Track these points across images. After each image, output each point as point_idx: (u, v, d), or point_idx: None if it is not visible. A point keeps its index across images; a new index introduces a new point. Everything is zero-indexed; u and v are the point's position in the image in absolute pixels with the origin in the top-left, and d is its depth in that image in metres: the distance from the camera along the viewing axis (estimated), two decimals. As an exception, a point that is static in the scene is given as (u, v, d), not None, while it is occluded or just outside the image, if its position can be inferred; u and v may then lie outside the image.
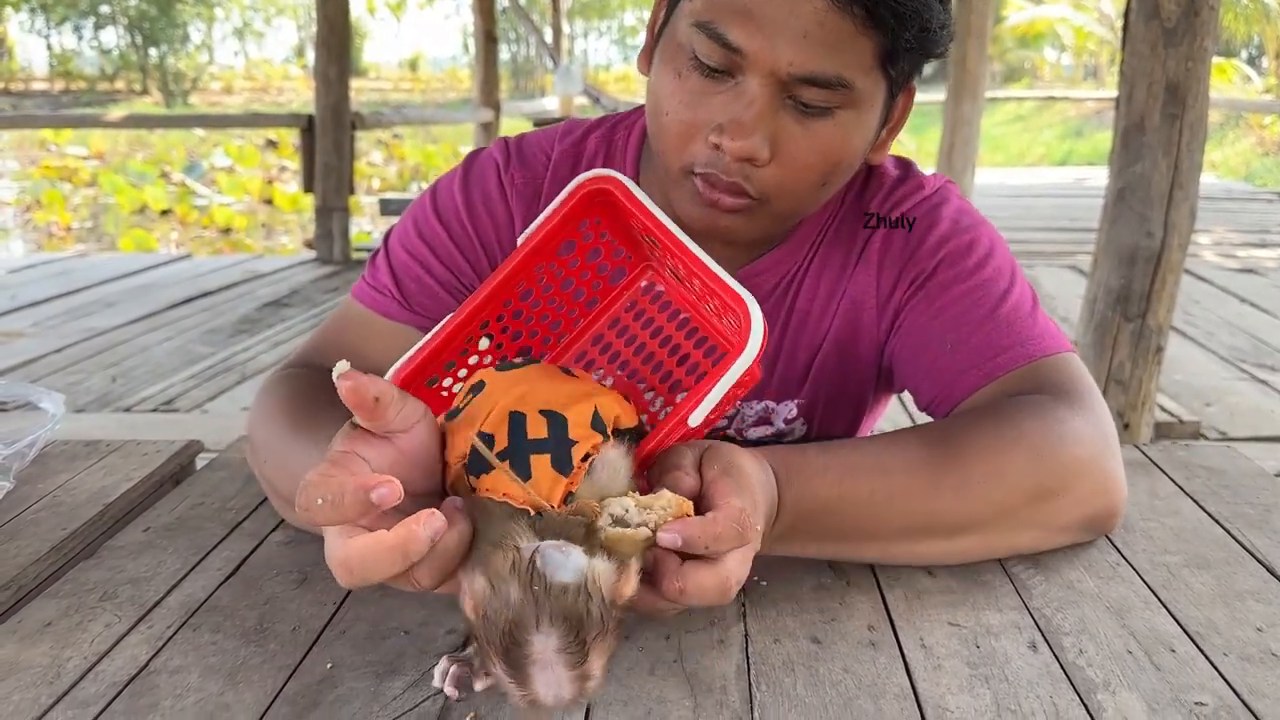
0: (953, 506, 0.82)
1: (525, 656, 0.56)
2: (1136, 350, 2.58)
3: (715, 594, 0.63)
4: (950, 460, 0.83)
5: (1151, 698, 0.67)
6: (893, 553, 0.85)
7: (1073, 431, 0.86)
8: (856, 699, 0.66)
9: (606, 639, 0.57)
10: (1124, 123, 2.50)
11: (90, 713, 0.66)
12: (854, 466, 0.82)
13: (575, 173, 1.03)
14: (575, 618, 0.56)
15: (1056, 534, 0.88)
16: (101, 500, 0.97)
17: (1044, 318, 0.98)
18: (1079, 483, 0.86)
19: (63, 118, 13.30)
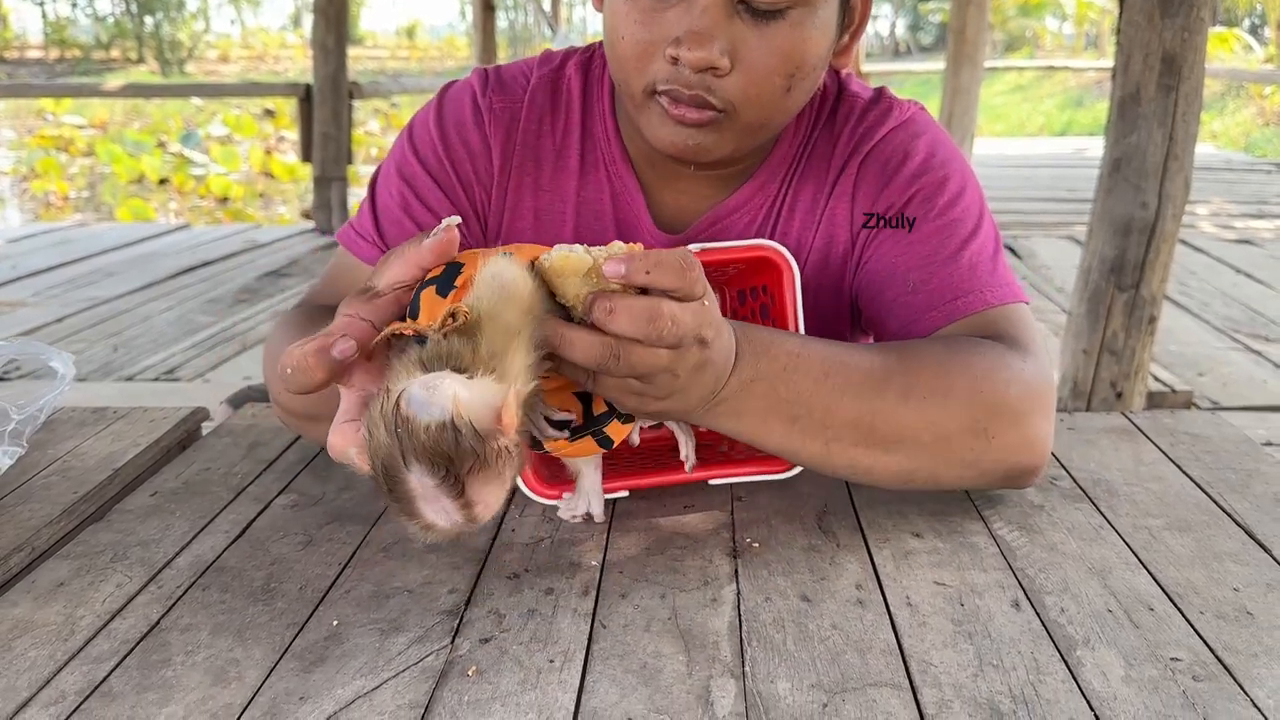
0: (894, 413, 0.84)
1: (407, 493, 0.59)
2: (1130, 320, 2.60)
3: (644, 318, 0.67)
4: (899, 370, 0.86)
5: (1129, 654, 0.69)
6: (834, 454, 0.85)
7: (1017, 380, 0.88)
8: (844, 654, 0.69)
9: (491, 467, 0.59)
10: (1120, 93, 2.50)
11: (104, 669, 0.68)
12: (810, 347, 0.84)
13: (556, 101, 1.06)
14: (442, 454, 0.57)
15: (977, 476, 0.89)
16: (111, 465, 0.99)
17: (1003, 265, 1.00)
18: (1010, 431, 0.88)
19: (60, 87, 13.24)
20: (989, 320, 0.95)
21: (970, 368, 0.88)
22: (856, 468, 0.87)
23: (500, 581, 0.79)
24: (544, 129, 1.06)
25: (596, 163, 1.05)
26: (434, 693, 0.65)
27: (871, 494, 0.93)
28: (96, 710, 0.64)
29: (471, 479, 0.59)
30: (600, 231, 1.05)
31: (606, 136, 1.05)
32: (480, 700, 0.64)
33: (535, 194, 1.05)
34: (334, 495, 0.94)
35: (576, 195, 1.06)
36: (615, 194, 1.05)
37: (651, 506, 0.91)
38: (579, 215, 1.06)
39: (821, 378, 0.83)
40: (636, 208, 1.04)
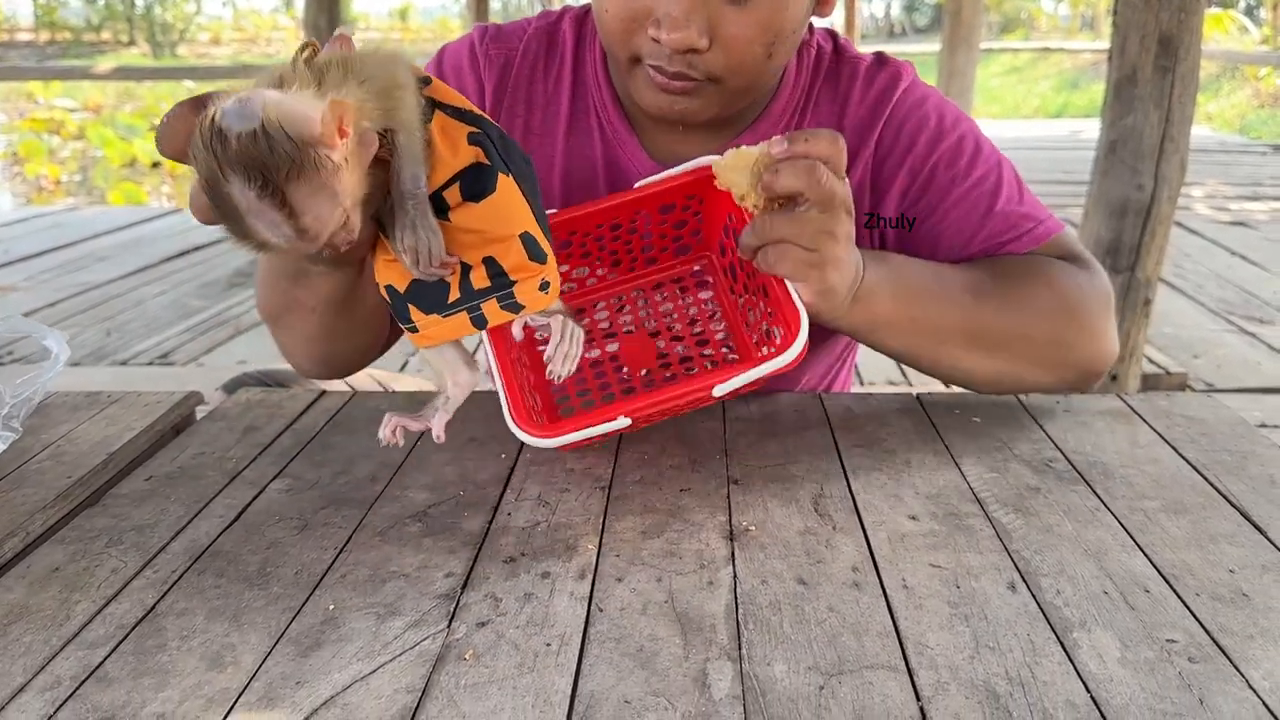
0: (994, 321, 0.97)
1: (233, 209, 0.61)
2: (1125, 302, 2.60)
3: (805, 171, 0.80)
4: (991, 284, 0.98)
5: (1125, 635, 0.69)
6: (942, 357, 0.98)
7: (1089, 292, 1.01)
8: (840, 636, 0.69)
9: (313, 175, 0.61)
10: (1116, 75, 2.50)
11: (100, 654, 0.68)
12: (913, 261, 0.97)
13: (550, 50, 1.10)
14: (255, 162, 0.59)
15: (1055, 380, 1.03)
16: (105, 449, 0.99)
17: (1032, 200, 1.07)
18: (1087, 340, 1.01)
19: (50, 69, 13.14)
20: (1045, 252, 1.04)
21: (1051, 281, 0.99)
22: (958, 368, 0.99)
23: (496, 565, 0.79)
24: (536, 75, 1.09)
25: (587, 109, 1.09)
26: (430, 677, 0.65)
27: (867, 477, 0.93)
28: (92, 695, 0.64)
29: (292, 188, 0.60)
30: (589, 178, 1.08)
31: (598, 84, 1.08)
32: (477, 684, 0.64)
33: (525, 137, 1.09)
34: (329, 479, 0.94)
35: (565, 140, 1.09)
36: (606, 139, 1.08)
37: (647, 490, 0.91)
38: (568, 159, 1.09)
39: (933, 282, 0.95)
40: (629, 150, 1.08)
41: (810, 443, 1.01)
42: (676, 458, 0.98)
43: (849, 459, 0.97)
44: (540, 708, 0.62)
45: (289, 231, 0.63)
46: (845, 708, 0.62)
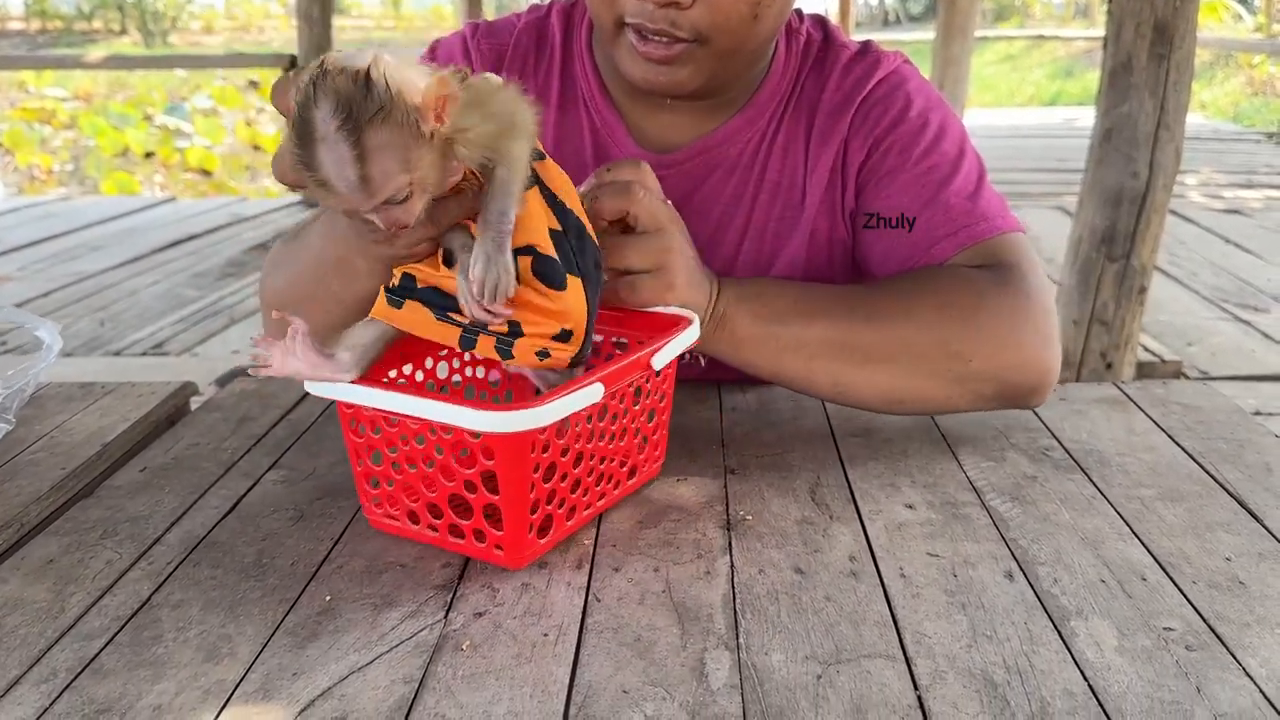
0: (862, 331, 0.92)
1: (311, 136, 0.63)
2: (1120, 290, 2.60)
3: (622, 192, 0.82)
4: (866, 296, 0.95)
5: (1122, 624, 0.69)
6: (816, 371, 0.93)
7: (991, 304, 0.93)
8: (838, 625, 0.69)
9: (396, 128, 0.64)
10: (1111, 62, 2.49)
11: (95, 646, 0.68)
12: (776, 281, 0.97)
13: (540, 44, 1.12)
14: (346, 95, 0.62)
15: (972, 396, 0.95)
16: (99, 441, 0.98)
17: (988, 198, 1.02)
18: (995, 352, 0.93)
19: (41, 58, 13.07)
20: (968, 259, 0.99)
21: (936, 292, 0.94)
22: (840, 384, 0.94)
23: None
24: (527, 70, 1.11)
25: (575, 99, 1.10)
26: (428, 667, 0.65)
27: (864, 466, 0.93)
28: (88, 688, 0.64)
29: (370, 132, 0.63)
30: (579, 166, 1.08)
31: (585, 74, 1.09)
32: (475, 674, 0.64)
33: None
34: (325, 470, 0.94)
35: (555, 132, 1.10)
36: (594, 128, 1.09)
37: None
38: (556, 151, 1.09)
39: (798, 299, 0.93)
40: (617, 137, 1.08)
41: (807, 432, 1.01)
42: (672, 447, 0.97)
43: (846, 448, 0.97)
44: (538, 698, 0.62)
45: (351, 175, 0.64)
46: (843, 697, 0.62)
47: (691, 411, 1.06)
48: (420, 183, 0.67)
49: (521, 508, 0.74)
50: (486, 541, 0.76)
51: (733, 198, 1.08)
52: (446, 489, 0.75)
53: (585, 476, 0.80)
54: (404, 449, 0.76)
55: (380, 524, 0.81)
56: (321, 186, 0.66)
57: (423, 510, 0.77)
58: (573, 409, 0.73)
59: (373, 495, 0.80)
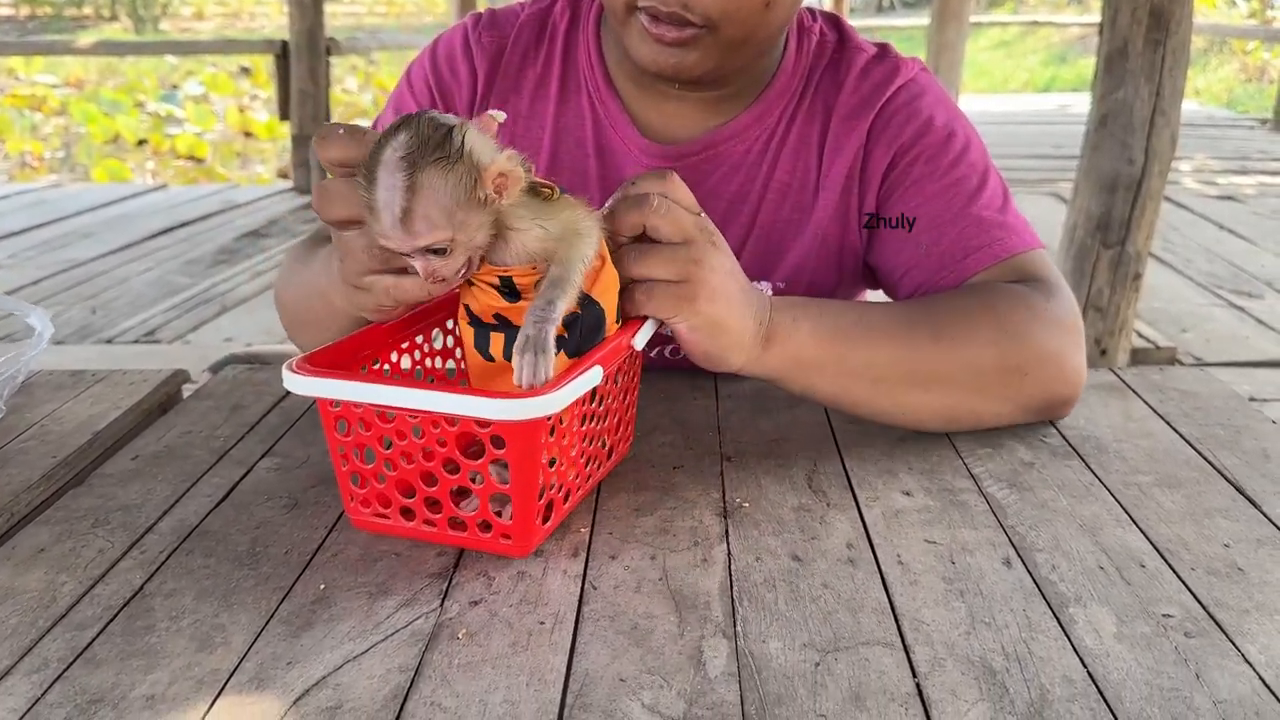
0: (928, 354, 0.91)
1: (378, 157, 0.67)
2: (1115, 277, 2.60)
3: (635, 205, 0.77)
4: (925, 317, 0.93)
5: (1121, 610, 0.69)
6: (880, 395, 0.91)
7: (1042, 318, 0.94)
8: (835, 613, 0.69)
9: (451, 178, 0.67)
10: (1107, 48, 2.48)
11: (87, 635, 0.67)
12: (835, 303, 0.92)
13: (542, 35, 1.11)
14: (424, 136, 0.67)
15: (1018, 410, 0.96)
16: (90, 429, 0.98)
17: (1015, 213, 1.02)
18: (1044, 366, 0.94)
19: (31, 44, 12.99)
20: (1002, 272, 0.99)
21: (993, 309, 0.93)
22: (902, 407, 0.93)
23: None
24: (528, 60, 1.10)
25: (578, 89, 1.09)
26: (424, 656, 0.65)
27: (861, 453, 0.93)
28: (80, 677, 0.63)
29: (430, 171, 0.66)
30: (580, 157, 1.08)
31: (590, 64, 1.08)
32: (471, 663, 0.64)
33: (512, 121, 1.09)
34: (318, 458, 0.93)
35: (555, 122, 1.09)
36: (597, 119, 1.08)
37: (640, 467, 0.90)
38: (556, 141, 1.09)
39: (857, 319, 0.90)
40: (620, 127, 1.07)
41: (803, 419, 1.00)
42: (669, 435, 0.97)
43: (842, 436, 0.96)
44: (534, 686, 0.62)
45: (397, 207, 0.67)
46: (841, 684, 0.61)
47: (688, 399, 1.06)
48: (464, 243, 0.69)
49: (531, 494, 0.73)
50: (493, 531, 0.75)
51: (738, 195, 1.07)
52: (448, 481, 0.74)
53: (578, 459, 0.80)
54: (400, 444, 0.75)
55: (367, 524, 0.79)
56: (370, 211, 0.69)
57: (419, 505, 0.76)
58: (581, 392, 0.72)
59: (359, 495, 0.79)
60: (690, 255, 0.78)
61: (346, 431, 0.76)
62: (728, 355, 0.83)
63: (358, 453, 0.77)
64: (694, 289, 0.79)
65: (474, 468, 0.73)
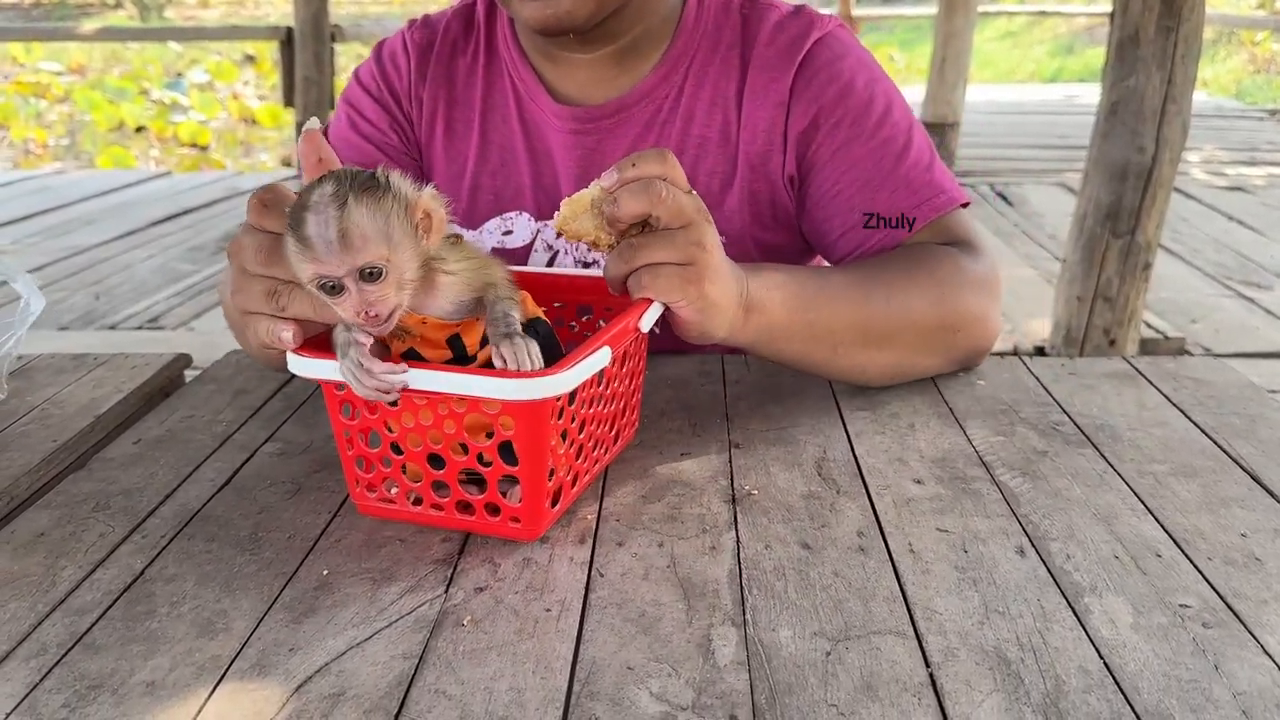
0: (881, 315, 0.96)
1: (304, 204, 0.67)
2: (1125, 266, 2.58)
3: (643, 191, 0.76)
4: (874, 280, 0.97)
5: (1137, 600, 0.68)
6: (840, 357, 0.96)
7: (971, 279, 1.01)
8: (846, 601, 0.67)
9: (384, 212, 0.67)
10: (1118, 35, 2.46)
11: (87, 620, 0.66)
12: (792, 268, 0.94)
13: (467, 28, 1.18)
14: (349, 176, 0.68)
15: (947, 363, 1.04)
16: (92, 412, 0.97)
17: (939, 172, 1.07)
18: (973, 325, 1.02)
19: (34, 30, 12.97)
20: (932, 232, 1.05)
21: (932, 273, 0.99)
22: (858, 367, 0.98)
23: (494, 530, 0.77)
24: (457, 51, 1.17)
25: (500, 72, 1.16)
26: (428, 643, 0.64)
27: (871, 440, 0.91)
28: (80, 663, 0.62)
29: (361, 200, 0.67)
30: (506, 132, 1.15)
31: (507, 45, 1.15)
32: (476, 650, 0.63)
33: (448, 107, 1.16)
34: (321, 443, 0.92)
35: (483, 102, 1.15)
36: (518, 94, 1.14)
37: (647, 454, 0.89)
38: (484, 119, 1.15)
39: (821, 285, 0.93)
40: (538, 98, 1.13)
41: (812, 406, 0.99)
42: (676, 421, 0.96)
43: (851, 422, 0.95)
44: (541, 674, 0.60)
45: (332, 232, 0.66)
46: (853, 673, 0.60)
47: (695, 385, 1.04)
48: (398, 268, 0.69)
49: (541, 476, 0.73)
50: (501, 514, 0.75)
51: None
52: (456, 464, 0.74)
53: (586, 443, 0.79)
54: (407, 427, 0.74)
55: (372, 509, 0.79)
56: (300, 247, 0.67)
57: (426, 489, 0.76)
58: (590, 373, 0.72)
59: (365, 479, 0.78)
60: (691, 238, 0.79)
61: (351, 415, 0.75)
62: (716, 330, 0.85)
63: (363, 437, 0.76)
64: (699, 271, 0.79)
65: (482, 449, 0.72)
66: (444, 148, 1.16)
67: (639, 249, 0.78)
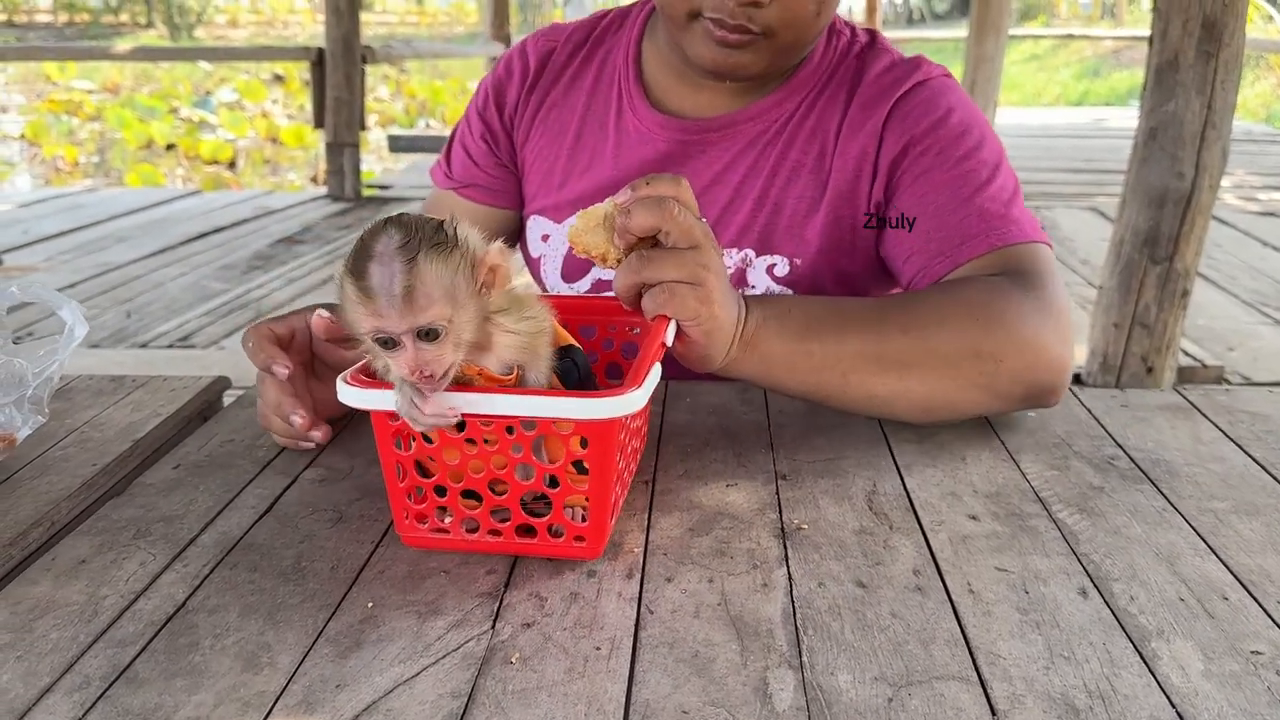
0: (894, 343, 0.92)
1: (368, 254, 0.66)
2: (1162, 293, 2.54)
3: (655, 207, 0.78)
4: (897, 307, 0.95)
5: (1207, 646, 0.66)
6: (852, 385, 0.92)
7: (1016, 307, 0.94)
8: (906, 644, 0.65)
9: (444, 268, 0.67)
10: (1157, 60, 2.43)
11: (130, 652, 0.65)
12: (801, 297, 0.97)
13: (587, 37, 1.23)
14: (416, 226, 0.67)
15: (997, 399, 0.96)
16: (131, 436, 0.96)
17: (1019, 209, 1.05)
18: (1018, 355, 0.93)
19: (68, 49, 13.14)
20: (1000, 259, 1.01)
21: (966, 301, 0.95)
22: (875, 399, 0.94)
23: (538, 562, 0.75)
24: (573, 58, 1.22)
25: (611, 82, 1.20)
26: (476, 681, 0.62)
27: (922, 473, 0.89)
28: (122, 697, 0.61)
29: (429, 256, 0.66)
30: (601, 138, 1.18)
31: (625, 60, 1.19)
32: (525, 690, 0.61)
33: (549, 109, 1.22)
34: (362, 469, 0.91)
35: (584, 109, 1.20)
36: (620, 105, 1.18)
37: (692, 485, 0.88)
38: (582, 123, 1.20)
39: (827, 314, 0.92)
40: (640, 111, 1.16)
41: (858, 436, 0.97)
42: (720, 451, 0.94)
43: (900, 454, 0.93)
44: (593, 717, 0.59)
45: (398, 287, 0.65)
46: (916, 721, 0.58)
47: (738, 413, 1.03)
48: (458, 329, 0.68)
49: (607, 494, 0.73)
50: (565, 535, 0.74)
51: (750, 170, 1.13)
52: (520, 487, 0.73)
53: (631, 459, 0.82)
54: (469, 453, 0.73)
55: (420, 541, 0.77)
56: (361, 298, 0.67)
57: (485, 515, 0.75)
58: (653, 388, 0.73)
59: (414, 510, 0.76)
60: (699, 260, 0.81)
61: (404, 446, 0.74)
62: (716, 355, 0.87)
63: (418, 467, 0.75)
64: (708, 292, 0.81)
65: (552, 471, 0.73)
66: (539, 145, 1.21)
67: (649, 261, 0.80)
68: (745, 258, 1.14)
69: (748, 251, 1.14)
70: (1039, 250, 1.02)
